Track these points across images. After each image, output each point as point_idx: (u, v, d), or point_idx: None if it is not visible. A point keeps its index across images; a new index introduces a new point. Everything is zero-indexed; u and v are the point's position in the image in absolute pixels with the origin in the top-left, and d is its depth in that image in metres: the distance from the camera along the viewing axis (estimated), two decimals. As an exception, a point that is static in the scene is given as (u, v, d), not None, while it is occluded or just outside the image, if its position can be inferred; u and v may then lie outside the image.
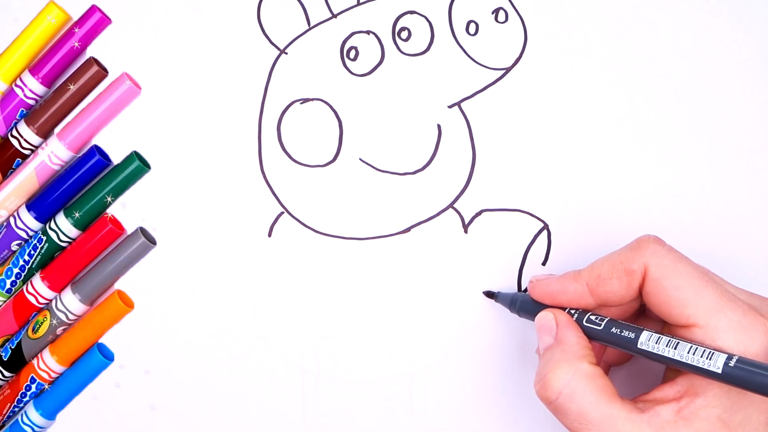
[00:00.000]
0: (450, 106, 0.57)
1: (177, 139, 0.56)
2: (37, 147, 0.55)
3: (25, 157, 0.55)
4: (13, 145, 0.55)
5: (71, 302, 0.56)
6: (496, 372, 0.57)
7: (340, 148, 0.56)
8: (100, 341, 0.57)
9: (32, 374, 0.57)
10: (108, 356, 0.57)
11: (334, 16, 0.56)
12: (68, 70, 0.55)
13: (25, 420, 0.57)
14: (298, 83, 0.56)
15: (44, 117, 0.55)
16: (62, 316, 0.56)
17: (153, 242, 0.56)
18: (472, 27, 0.56)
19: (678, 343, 0.47)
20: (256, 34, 0.56)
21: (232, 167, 0.56)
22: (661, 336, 0.48)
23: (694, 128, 0.57)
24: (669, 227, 0.57)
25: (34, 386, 0.57)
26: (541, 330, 0.51)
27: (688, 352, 0.47)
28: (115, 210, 0.56)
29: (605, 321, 0.50)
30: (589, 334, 0.50)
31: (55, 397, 0.57)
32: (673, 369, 0.49)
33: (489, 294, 0.56)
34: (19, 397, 0.57)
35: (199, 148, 0.56)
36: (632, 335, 0.49)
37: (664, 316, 0.49)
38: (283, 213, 0.56)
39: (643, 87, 0.57)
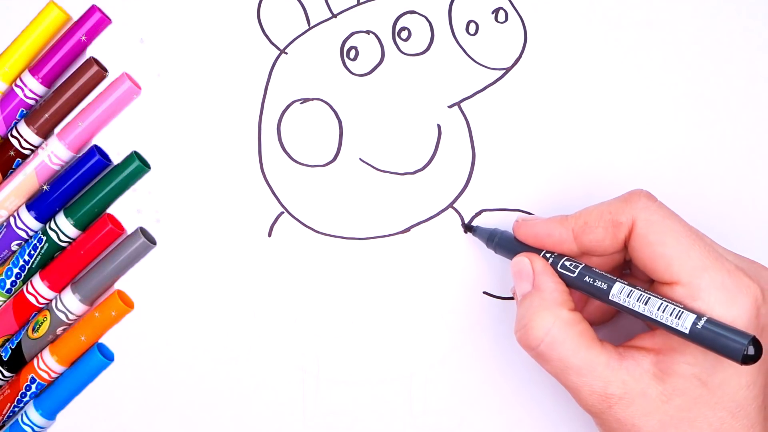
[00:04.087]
0: (450, 106, 0.57)
1: (177, 139, 0.56)
2: (37, 147, 0.55)
3: (25, 157, 0.55)
4: (13, 145, 0.55)
5: (71, 302, 0.56)
6: (495, 372, 0.57)
7: (340, 148, 0.56)
8: (100, 341, 0.57)
9: (32, 374, 0.57)
10: (108, 356, 0.57)
11: (334, 16, 0.56)
12: (68, 70, 0.55)
13: (25, 420, 0.57)
14: (298, 83, 0.56)
15: (44, 117, 0.55)
16: (62, 316, 0.56)
17: (153, 242, 0.56)
18: (472, 27, 0.56)
19: (649, 298, 0.47)
20: (256, 34, 0.56)
21: (232, 167, 0.56)
22: (633, 289, 0.48)
23: (695, 128, 0.57)
24: (669, 227, 0.57)
25: (34, 386, 0.57)
26: (517, 275, 0.51)
27: (657, 309, 0.47)
28: (118, 210, 0.56)
29: (579, 268, 0.50)
30: (564, 280, 0.50)
31: (55, 397, 0.57)
32: None
33: (468, 227, 0.56)
34: (19, 397, 0.57)
35: (199, 148, 0.56)
36: (604, 285, 0.48)
37: (648, 271, 0.49)
38: (283, 213, 0.57)
39: (643, 87, 0.57)
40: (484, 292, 0.57)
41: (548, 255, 0.51)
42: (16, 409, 0.57)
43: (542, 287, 0.50)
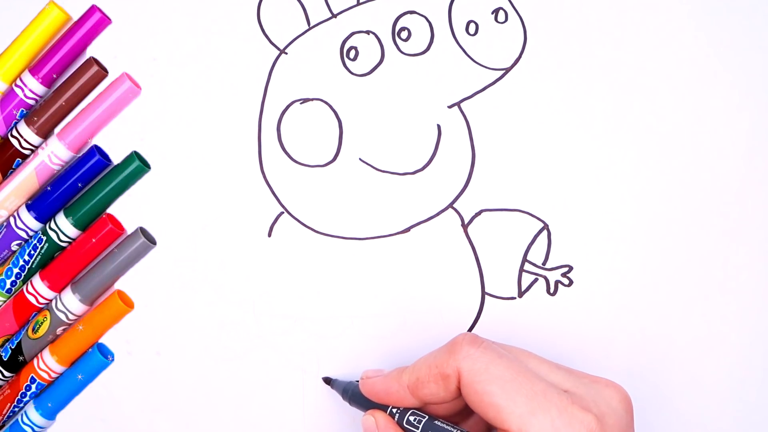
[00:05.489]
0: (450, 106, 0.57)
1: (177, 139, 0.56)
2: (37, 147, 0.55)
3: (25, 157, 0.55)
4: (13, 145, 0.55)
5: (71, 302, 0.56)
6: (495, 372, 0.57)
7: (340, 148, 0.56)
8: (100, 341, 0.57)
9: (32, 374, 0.57)
10: (108, 356, 0.57)
11: (334, 16, 0.56)
12: (68, 70, 0.55)
13: (25, 420, 0.57)
14: (298, 83, 0.56)
15: (44, 117, 0.55)
16: (62, 316, 0.56)
17: (153, 242, 0.56)
18: (472, 27, 0.56)
19: None
20: (256, 34, 0.56)
21: (232, 167, 0.56)
22: None
23: (694, 128, 0.57)
24: (669, 227, 0.57)
25: (34, 386, 0.57)
26: None
27: None
28: (118, 210, 0.56)
29: (423, 423, 0.50)
30: None
31: (55, 397, 0.57)
32: None
33: (326, 380, 0.56)
34: (19, 397, 0.57)
35: (199, 148, 0.56)
36: None
37: (484, 418, 0.49)
38: (283, 213, 0.57)
39: (642, 87, 0.57)
40: (484, 292, 0.57)
41: (395, 410, 0.51)
42: (16, 409, 0.57)
43: None
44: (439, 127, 0.57)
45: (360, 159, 0.56)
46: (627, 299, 0.57)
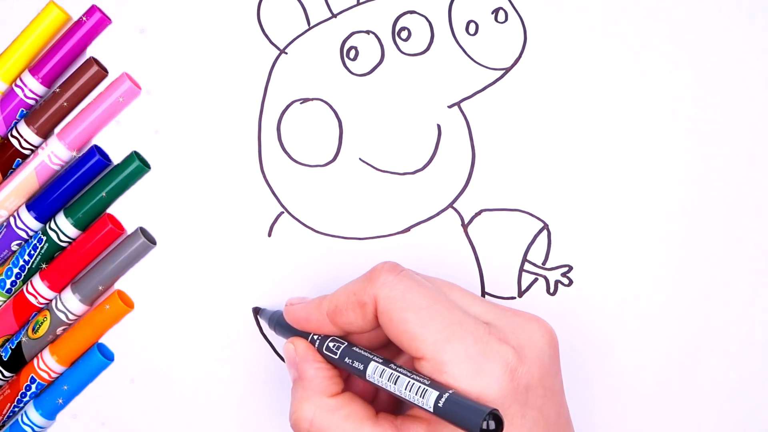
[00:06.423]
0: (450, 106, 0.57)
1: (177, 139, 0.56)
2: (37, 147, 0.55)
3: (25, 157, 0.55)
4: (13, 145, 0.55)
5: (71, 302, 0.56)
6: (495, 372, 0.57)
7: (340, 148, 0.56)
8: (100, 341, 0.57)
9: (32, 374, 0.57)
10: (108, 356, 0.57)
11: (334, 15, 0.56)
12: (68, 70, 0.55)
13: (25, 420, 0.57)
14: (298, 83, 0.56)
15: (44, 117, 0.55)
16: (62, 316, 0.56)
17: (153, 242, 0.56)
18: (472, 27, 0.56)
19: (398, 377, 0.47)
20: (256, 34, 0.56)
21: (232, 167, 0.56)
22: (385, 369, 0.47)
23: (694, 128, 0.57)
24: (669, 227, 0.57)
25: (34, 386, 0.57)
26: (287, 362, 0.51)
27: (405, 388, 0.46)
28: (118, 210, 0.56)
29: (341, 349, 0.49)
30: (330, 361, 0.50)
31: (55, 397, 0.57)
32: None
33: (255, 310, 0.56)
34: (19, 397, 0.57)
35: (199, 148, 0.56)
36: (361, 367, 0.48)
37: (400, 347, 0.48)
38: (283, 213, 0.57)
39: (642, 87, 0.57)
40: (484, 292, 0.57)
41: (316, 337, 0.51)
42: (16, 409, 0.57)
43: (304, 375, 0.50)
44: (439, 127, 0.57)
45: (360, 159, 0.57)
46: (627, 299, 0.57)
